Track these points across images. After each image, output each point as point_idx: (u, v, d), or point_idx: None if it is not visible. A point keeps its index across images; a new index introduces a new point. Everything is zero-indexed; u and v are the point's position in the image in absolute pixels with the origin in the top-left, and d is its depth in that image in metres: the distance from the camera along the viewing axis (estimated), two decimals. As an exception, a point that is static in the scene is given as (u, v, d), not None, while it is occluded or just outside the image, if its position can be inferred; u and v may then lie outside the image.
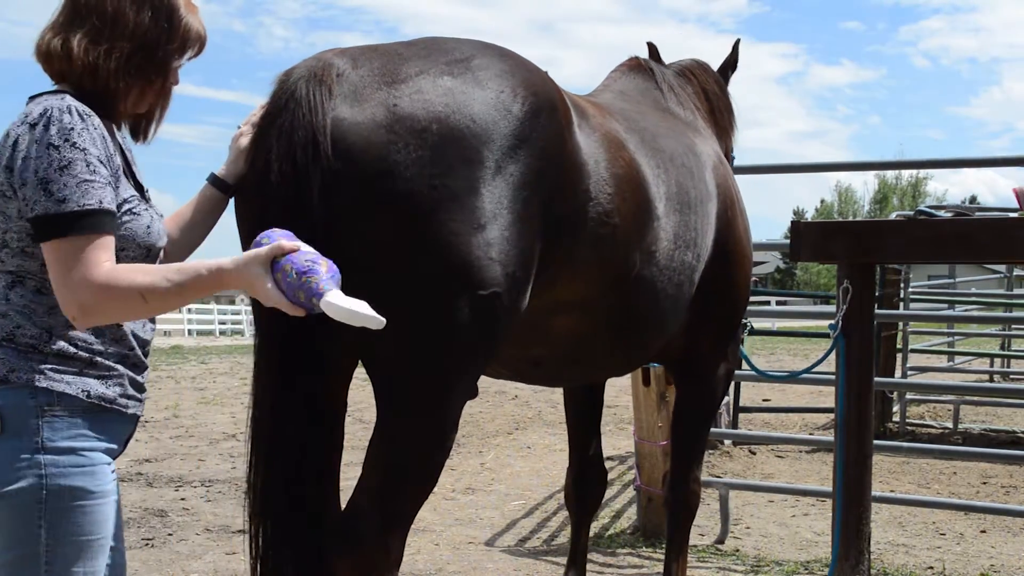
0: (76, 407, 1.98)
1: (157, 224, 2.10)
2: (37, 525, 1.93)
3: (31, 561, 1.93)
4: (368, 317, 1.85)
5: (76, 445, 1.97)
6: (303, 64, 2.27)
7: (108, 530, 2.05)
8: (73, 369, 1.98)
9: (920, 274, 13.05)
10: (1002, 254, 3.77)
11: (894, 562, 4.94)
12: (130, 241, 2.01)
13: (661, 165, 2.96)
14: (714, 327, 3.47)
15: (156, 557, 4.97)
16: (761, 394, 11.55)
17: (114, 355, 2.05)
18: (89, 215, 1.88)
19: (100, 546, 2.02)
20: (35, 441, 1.92)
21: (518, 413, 10.24)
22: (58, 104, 1.94)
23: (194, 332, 34.14)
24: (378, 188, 2.14)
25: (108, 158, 1.97)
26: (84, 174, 1.90)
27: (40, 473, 1.92)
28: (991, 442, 8.46)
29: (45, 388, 1.94)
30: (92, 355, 2.01)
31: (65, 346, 1.98)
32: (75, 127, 1.91)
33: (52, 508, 1.93)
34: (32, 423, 1.93)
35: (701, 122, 3.81)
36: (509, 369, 3.03)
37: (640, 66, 3.89)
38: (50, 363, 1.96)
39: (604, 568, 4.88)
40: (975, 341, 13.86)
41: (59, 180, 1.87)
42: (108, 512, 2.04)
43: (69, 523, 1.95)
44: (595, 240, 2.60)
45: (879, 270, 7.73)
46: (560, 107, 2.47)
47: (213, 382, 13.58)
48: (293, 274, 1.87)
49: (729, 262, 3.40)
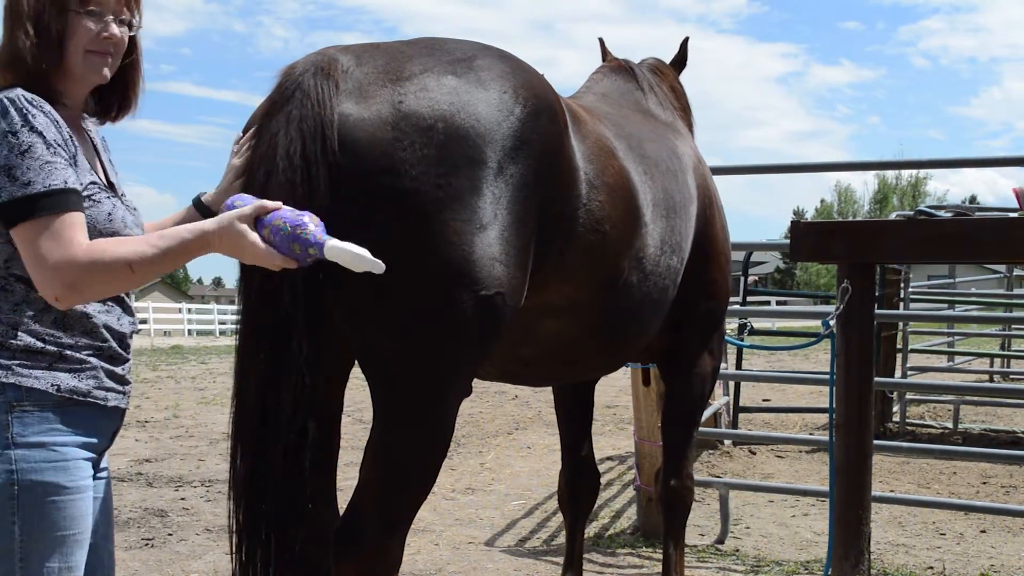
0: (47, 402, 1.97)
1: (120, 213, 2.09)
2: (10, 521, 1.92)
3: (5, 557, 1.93)
4: (372, 261, 1.90)
5: (48, 440, 1.97)
6: (307, 58, 2.27)
7: (85, 525, 2.04)
8: (42, 364, 1.98)
9: (920, 274, 13.05)
10: (1002, 254, 3.76)
11: (894, 562, 4.94)
12: (90, 229, 2.00)
13: (648, 171, 3.00)
14: (697, 324, 3.55)
15: (156, 557, 4.97)
16: (761, 394, 11.55)
17: (85, 347, 2.04)
18: (57, 194, 1.89)
19: (76, 541, 2.02)
20: (5, 437, 1.93)
21: (518, 413, 10.24)
22: (8, 95, 1.95)
23: (194, 332, 34.15)
24: (383, 185, 2.13)
25: (64, 142, 1.97)
26: (46, 156, 1.91)
27: (10, 469, 1.92)
28: (991, 442, 8.45)
29: (13, 384, 1.94)
30: (61, 348, 2.00)
31: (32, 341, 1.97)
32: (28, 112, 1.92)
33: (24, 504, 1.93)
34: (1, 419, 1.93)
35: (680, 122, 3.86)
36: (497, 369, 3.05)
37: (621, 67, 3.93)
38: (18, 359, 1.96)
39: (604, 568, 4.88)
40: (975, 341, 13.86)
41: (21, 164, 1.88)
42: (84, 507, 2.03)
43: (42, 519, 1.95)
44: (586, 246, 2.61)
45: (879, 270, 7.73)
46: (558, 111, 2.49)
47: (213, 382, 13.58)
48: (287, 227, 1.91)
49: (708, 260, 3.47)
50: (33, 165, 1.89)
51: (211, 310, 39.77)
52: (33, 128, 1.91)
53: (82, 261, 1.87)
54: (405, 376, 2.26)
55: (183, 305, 38.81)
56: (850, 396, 3.25)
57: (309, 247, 1.90)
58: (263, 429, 2.18)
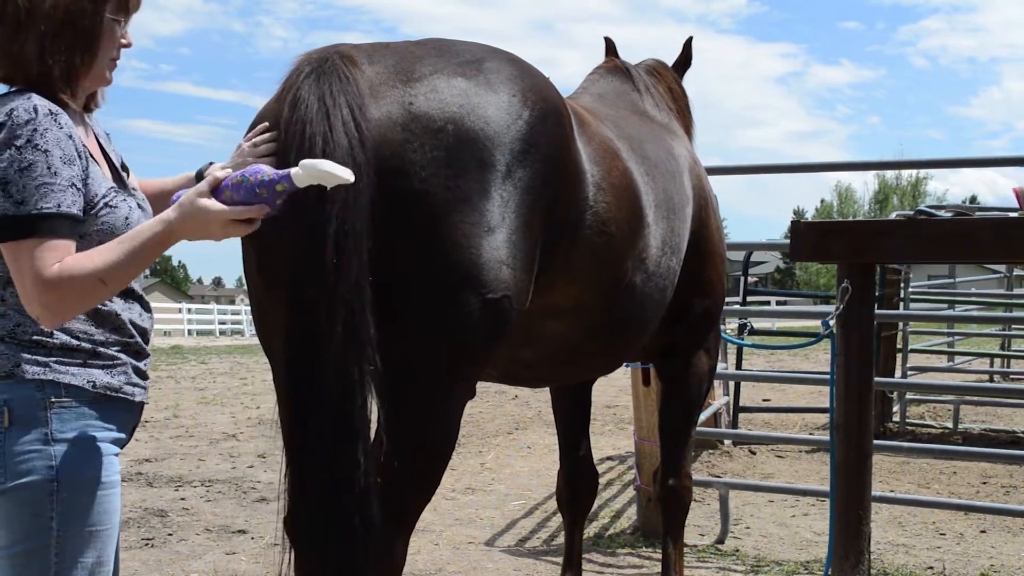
0: (83, 398, 2.00)
1: (136, 215, 2.09)
2: (49, 517, 1.94)
3: (41, 554, 1.94)
4: (343, 170, 1.89)
5: (85, 435, 1.99)
6: (318, 51, 2.25)
7: (116, 520, 2.07)
8: (77, 360, 2.00)
9: (920, 274, 13.04)
10: (1002, 254, 3.76)
11: (894, 562, 4.94)
12: (108, 235, 2.00)
13: (649, 173, 3.01)
14: (694, 323, 3.56)
15: (156, 557, 4.97)
16: (761, 394, 11.55)
17: (115, 344, 2.07)
18: (47, 218, 1.88)
19: (109, 536, 2.04)
20: (44, 433, 1.94)
21: (518, 413, 10.24)
22: (24, 104, 1.93)
23: (194, 332, 34.13)
24: (392, 186, 2.13)
25: (74, 158, 1.95)
26: (44, 177, 1.89)
27: (51, 465, 1.94)
28: (991, 442, 8.45)
29: (52, 380, 1.96)
30: (95, 345, 2.03)
31: (67, 339, 2.00)
32: (39, 128, 1.90)
33: (63, 500, 1.95)
34: (40, 415, 1.95)
35: (675, 123, 3.88)
36: (498, 370, 3.05)
37: (617, 68, 3.95)
38: (54, 356, 1.98)
39: (604, 568, 4.89)
40: (975, 341, 13.85)
41: (19, 182, 1.87)
42: (116, 502, 2.07)
43: (80, 514, 1.97)
44: (592, 248, 2.62)
45: (879, 270, 7.73)
46: (564, 114, 2.49)
47: (213, 382, 13.57)
48: (246, 178, 1.91)
49: (704, 260, 3.49)
50: (30, 184, 1.87)
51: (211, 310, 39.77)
52: (37, 146, 1.89)
53: (54, 282, 1.86)
54: (411, 377, 2.25)
55: (183, 305, 38.81)
56: (850, 396, 3.25)
57: (276, 185, 1.88)
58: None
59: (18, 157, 1.88)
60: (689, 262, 3.34)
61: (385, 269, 2.13)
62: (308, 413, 2.05)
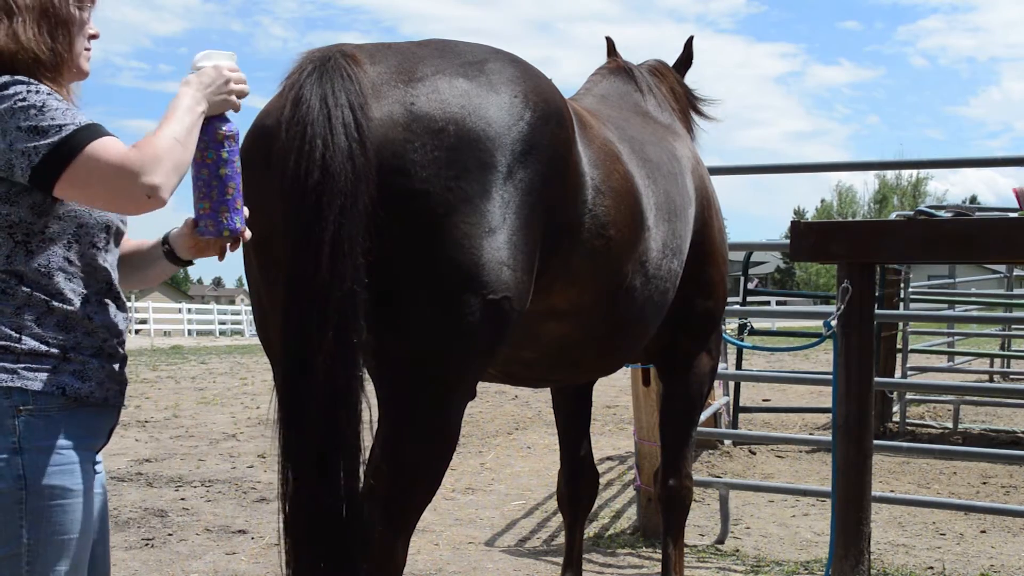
0: (53, 404, 1.97)
1: None
2: (18, 525, 1.92)
3: (13, 561, 1.93)
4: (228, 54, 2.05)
5: (54, 443, 1.96)
6: (321, 50, 2.25)
7: (89, 526, 2.04)
8: (47, 366, 1.97)
9: (920, 274, 13.04)
10: (1002, 254, 3.76)
11: (894, 562, 4.94)
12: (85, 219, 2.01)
13: (650, 175, 3.01)
14: (695, 324, 3.56)
15: (156, 557, 4.96)
16: (761, 394, 11.55)
17: (87, 348, 2.04)
18: (90, 126, 1.91)
19: (82, 544, 2.02)
20: (12, 441, 1.91)
21: (518, 413, 10.24)
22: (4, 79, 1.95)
23: (194, 332, 34.14)
24: (393, 186, 2.13)
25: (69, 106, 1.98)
26: (61, 106, 1.93)
27: (19, 474, 1.91)
28: (991, 442, 8.45)
29: (19, 387, 1.93)
30: (65, 350, 2.00)
31: (36, 344, 1.96)
32: (28, 85, 1.93)
33: (33, 508, 1.92)
34: (8, 423, 1.91)
35: (678, 124, 3.88)
36: (498, 371, 3.05)
37: (620, 68, 3.94)
38: (23, 362, 1.94)
39: (604, 568, 4.89)
40: (975, 341, 13.85)
41: (45, 117, 1.89)
42: (88, 509, 2.03)
43: (50, 522, 1.95)
44: (591, 251, 2.62)
45: (879, 270, 7.73)
46: (566, 115, 2.49)
47: (213, 382, 13.57)
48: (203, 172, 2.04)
49: (706, 261, 3.49)
50: (56, 115, 1.90)
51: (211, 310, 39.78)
52: (39, 91, 1.93)
53: (138, 155, 1.88)
54: (412, 378, 2.26)
55: (183, 305, 38.80)
56: (850, 396, 3.25)
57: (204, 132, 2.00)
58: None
59: (30, 103, 1.90)
60: (691, 263, 3.33)
61: (386, 269, 2.13)
62: (298, 415, 2.07)
